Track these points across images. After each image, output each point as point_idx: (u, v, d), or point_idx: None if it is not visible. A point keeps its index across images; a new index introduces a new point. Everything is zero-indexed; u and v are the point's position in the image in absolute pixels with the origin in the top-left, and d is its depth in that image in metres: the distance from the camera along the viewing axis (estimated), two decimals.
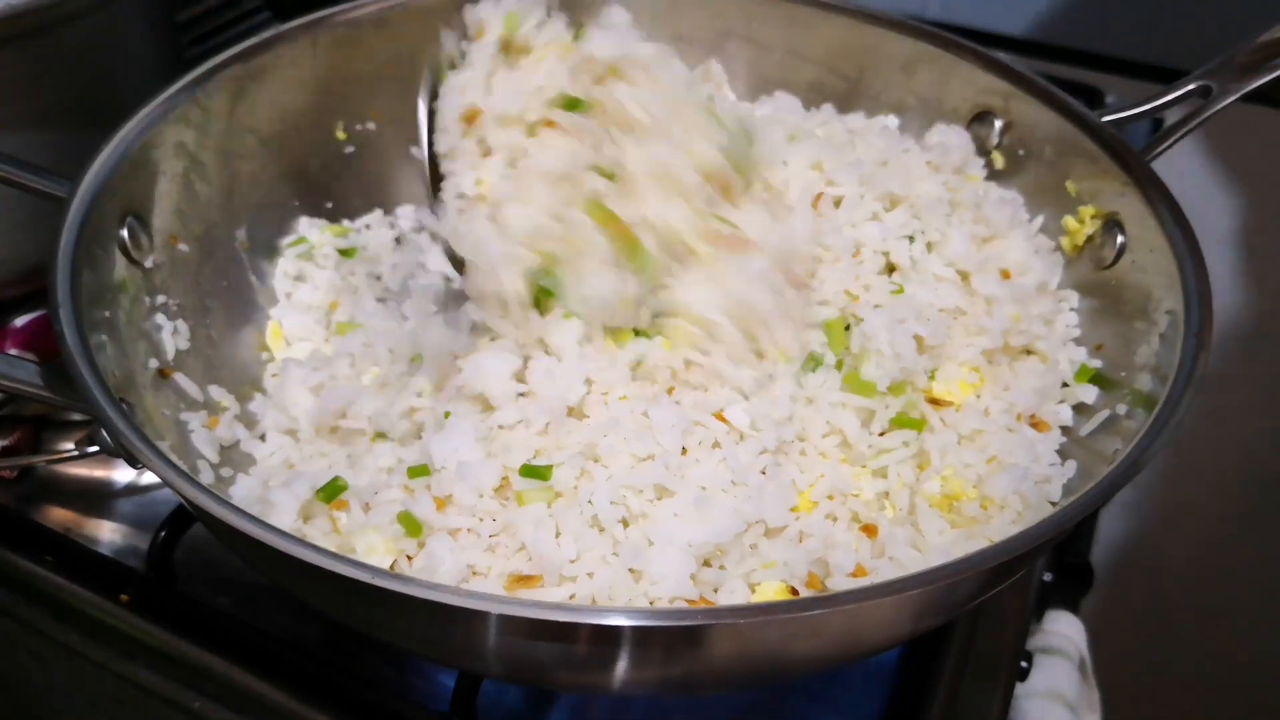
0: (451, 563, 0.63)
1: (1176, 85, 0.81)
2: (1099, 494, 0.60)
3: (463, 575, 0.64)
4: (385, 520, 0.66)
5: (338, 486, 0.69)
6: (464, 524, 0.65)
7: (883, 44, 0.94)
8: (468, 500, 0.66)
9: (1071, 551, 1.04)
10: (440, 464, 0.67)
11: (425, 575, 0.63)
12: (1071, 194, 0.85)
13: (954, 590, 0.60)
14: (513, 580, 0.64)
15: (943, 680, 0.77)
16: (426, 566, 0.64)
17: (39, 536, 0.86)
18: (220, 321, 0.86)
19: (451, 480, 0.66)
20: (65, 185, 0.75)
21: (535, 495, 0.66)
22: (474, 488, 0.66)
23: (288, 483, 0.70)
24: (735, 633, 0.55)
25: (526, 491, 0.66)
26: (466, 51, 0.81)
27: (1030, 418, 0.76)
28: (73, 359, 0.65)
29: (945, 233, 0.82)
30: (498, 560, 0.65)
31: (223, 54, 0.87)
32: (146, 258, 0.81)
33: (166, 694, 0.77)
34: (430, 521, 0.65)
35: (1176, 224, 0.75)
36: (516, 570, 0.64)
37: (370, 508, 0.68)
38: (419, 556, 0.65)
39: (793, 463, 0.71)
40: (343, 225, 0.97)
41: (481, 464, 0.67)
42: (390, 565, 0.65)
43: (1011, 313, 0.79)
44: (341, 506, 0.69)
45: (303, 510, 0.69)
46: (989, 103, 0.91)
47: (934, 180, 0.86)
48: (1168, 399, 0.65)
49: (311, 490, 0.69)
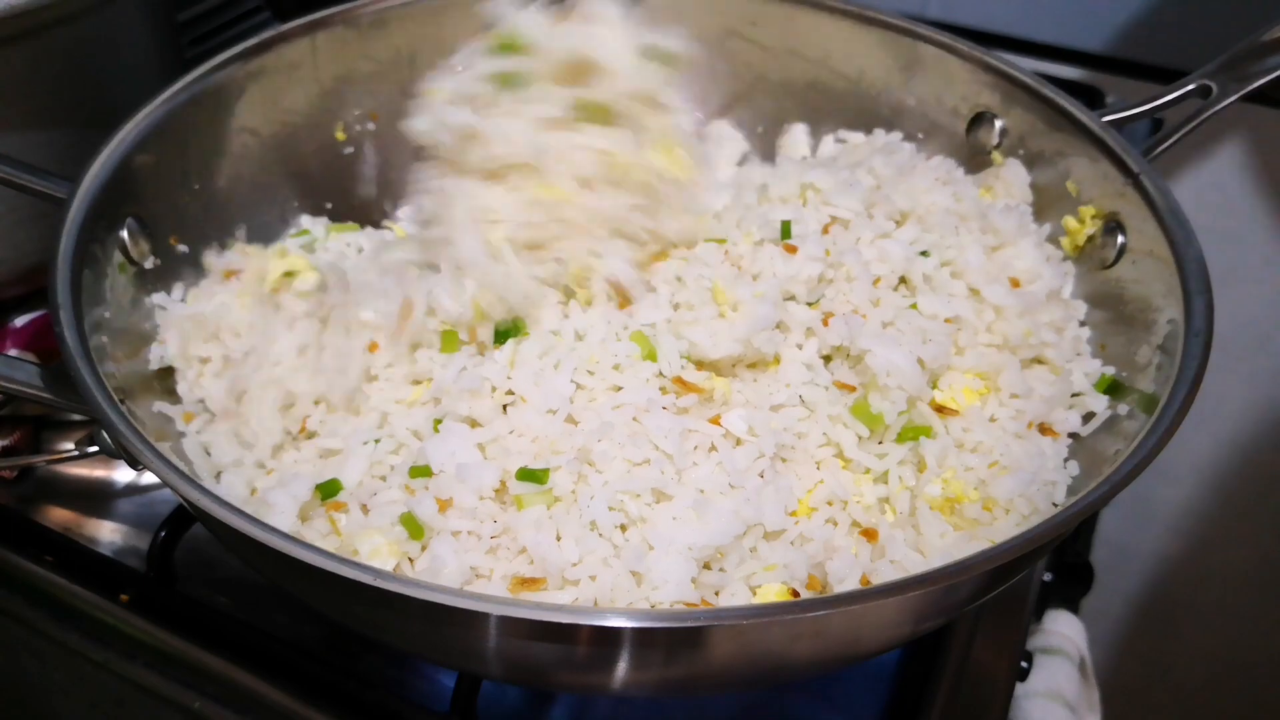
0: (455, 565, 0.63)
1: (1177, 85, 0.82)
2: (1100, 495, 0.60)
3: (466, 577, 0.64)
4: (387, 522, 0.66)
5: (334, 486, 0.69)
6: (466, 526, 0.65)
7: (882, 44, 0.94)
8: (468, 502, 0.66)
9: (1071, 551, 1.04)
10: (439, 468, 0.67)
11: (429, 577, 0.63)
12: (1072, 194, 0.85)
13: (954, 591, 0.60)
14: (516, 582, 0.63)
15: (943, 680, 0.77)
16: (430, 568, 0.64)
17: (39, 536, 0.86)
18: None
19: (451, 483, 0.66)
20: (65, 186, 0.75)
21: (533, 499, 0.66)
22: (474, 489, 0.66)
23: (284, 483, 0.69)
24: (736, 634, 0.54)
25: (525, 495, 0.66)
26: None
27: (1040, 425, 0.76)
28: (73, 360, 0.65)
29: (957, 245, 0.82)
30: (500, 563, 0.64)
31: (223, 54, 0.87)
32: (146, 258, 0.81)
33: (166, 694, 0.77)
34: (432, 524, 0.65)
35: (1177, 224, 0.75)
36: (519, 573, 0.64)
37: (369, 509, 0.68)
38: (422, 558, 0.65)
39: (790, 469, 0.71)
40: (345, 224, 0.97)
41: (481, 466, 0.67)
42: (394, 567, 0.65)
43: (1022, 326, 0.78)
44: (339, 508, 0.68)
45: (301, 512, 0.68)
46: (989, 103, 0.91)
47: (943, 192, 0.85)
48: (1169, 400, 0.65)
49: (309, 491, 0.68)
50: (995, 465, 0.72)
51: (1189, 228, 0.74)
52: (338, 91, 0.96)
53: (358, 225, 0.95)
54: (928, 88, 0.94)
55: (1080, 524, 0.62)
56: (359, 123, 0.98)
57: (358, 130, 0.98)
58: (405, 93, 0.98)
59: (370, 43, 0.95)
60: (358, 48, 0.95)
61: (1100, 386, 0.76)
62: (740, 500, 0.66)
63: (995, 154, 0.91)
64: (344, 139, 0.97)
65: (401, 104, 0.98)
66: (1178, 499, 1.44)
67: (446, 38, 0.98)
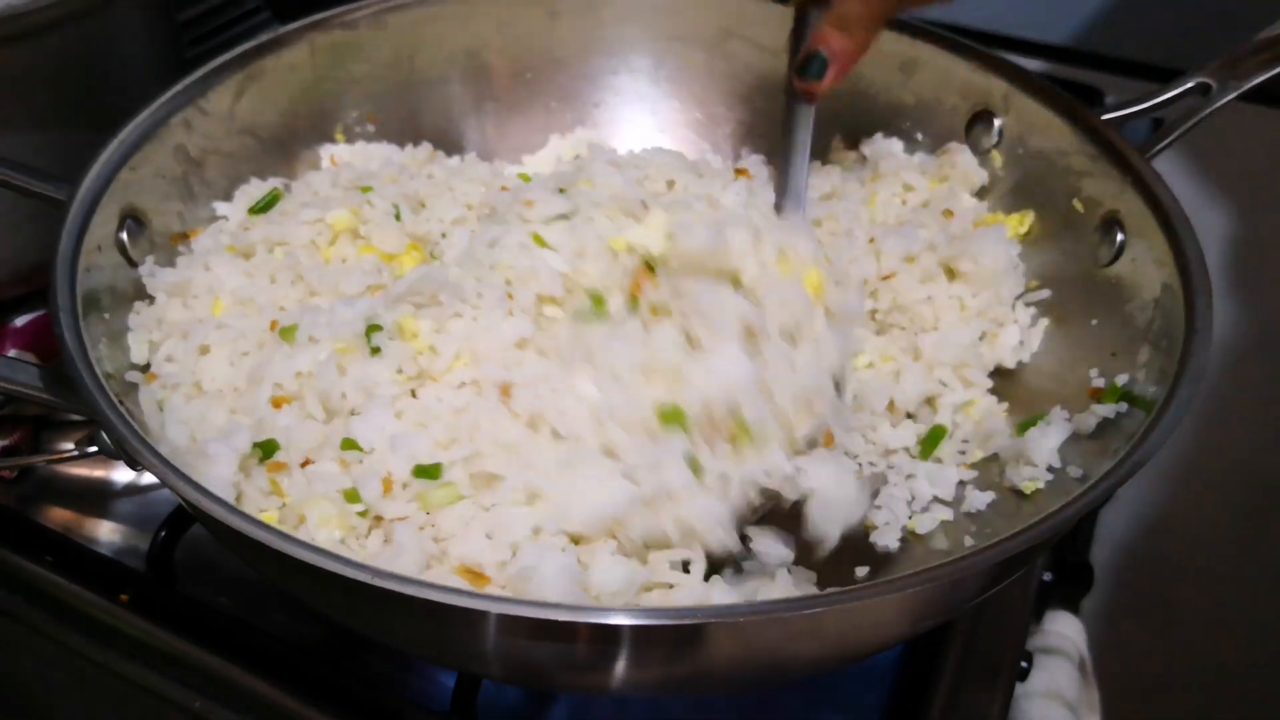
0: (418, 550, 0.64)
1: (1176, 84, 0.81)
2: (1100, 493, 0.60)
3: (424, 564, 0.64)
4: (333, 491, 0.66)
5: (273, 446, 0.69)
6: (403, 511, 0.66)
7: (882, 43, 0.93)
8: (403, 475, 0.67)
9: (1071, 551, 1.04)
10: (369, 445, 0.68)
11: (386, 562, 0.63)
12: (1071, 193, 0.85)
13: (954, 589, 0.60)
14: (461, 570, 0.64)
15: (943, 680, 0.77)
16: (388, 554, 0.64)
17: (39, 536, 0.86)
18: None
19: (387, 458, 0.67)
20: (64, 188, 0.75)
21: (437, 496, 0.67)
22: (409, 457, 0.67)
23: (226, 435, 0.68)
24: (735, 632, 0.55)
25: (428, 493, 0.67)
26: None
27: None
28: (73, 362, 0.65)
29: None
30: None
31: (222, 56, 0.87)
32: (145, 260, 0.81)
33: (166, 694, 0.76)
34: (375, 507, 0.66)
35: (1176, 223, 0.75)
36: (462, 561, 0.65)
37: (311, 480, 0.68)
38: (381, 543, 0.66)
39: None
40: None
41: (411, 435, 0.68)
42: (340, 540, 0.66)
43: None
44: (279, 469, 0.68)
45: (241, 464, 0.68)
46: (988, 102, 0.91)
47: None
48: (1168, 398, 0.65)
49: (249, 444, 0.68)
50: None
51: (1189, 226, 0.74)
52: (337, 93, 0.96)
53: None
54: (927, 87, 0.94)
55: (1080, 524, 0.62)
56: (358, 124, 0.98)
57: (357, 132, 0.98)
58: (404, 95, 0.99)
59: (369, 45, 0.95)
60: (357, 50, 0.95)
61: (1110, 398, 0.75)
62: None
63: (994, 153, 0.91)
64: (343, 141, 0.97)
65: (400, 106, 0.99)
66: (1178, 499, 1.44)
67: (446, 40, 0.98)
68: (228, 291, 0.80)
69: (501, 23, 0.99)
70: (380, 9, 0.95)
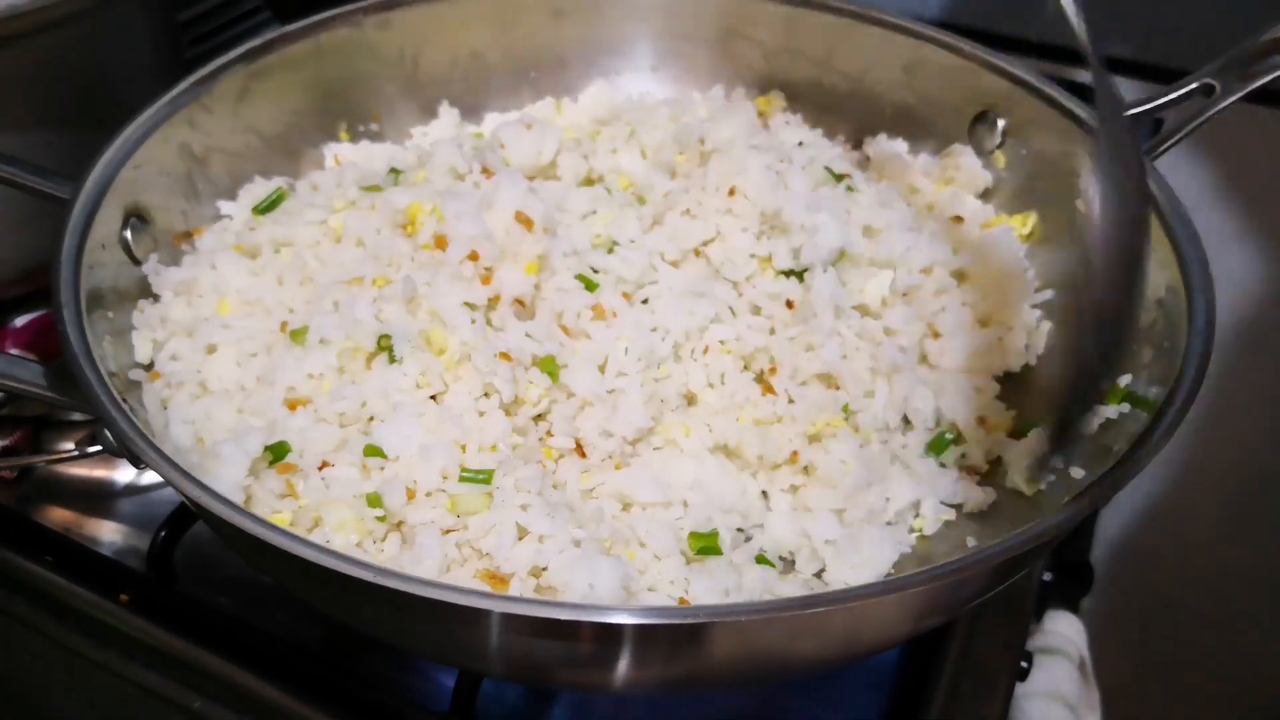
0: (440, 554, 0.64)
1: (1179, 84, 0.81)
2: (1100, 493, 0.60)
3: (444, 567, 0.64)
4: (350, 496, 0.66)
5: (284, 448, 0.68)
6: (430, 517, 0.66)
7: (884, 44, 0.95)
8: (432, 482, 0.66)
9: (1071, 551, 1.04)
10: (394, 454, 0.68)
11: (409, 566, 0.63)
12: (1074, 194, 0.85)
13: (955, 590, 0.60)
14: (484, 575, 0.64)
15: (943, 680, 0.77)
16: (413, 558, 0.64)
17: (39, 536, 0.86)
18: None
19: (414, 465, 0.67)
20: (67, 186, 0.75)
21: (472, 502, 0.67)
22: (438, 469, 0.66)
23: (237, 436, 0.68)
24: (736, 630, 0.55)
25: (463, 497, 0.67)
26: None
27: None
28: (76, 360, 0.64)
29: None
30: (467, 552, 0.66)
31: (226, 55, 0.87)
32: (149, 258, 0.81)
33: (166, 694, 0.77)
34: (399, 512, 0.66)
35: (1179, 223, 0.75)
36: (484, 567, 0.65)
37: (329, 484, 0.67)
38: (398, 546, 0.66)
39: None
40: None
41: (436, 446, 0.67)
42: (356, 543, 0.66)
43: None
44: (290, 470, 0.68)
45: (252, 467, 0.67)
46: (990, 103, 0.91)
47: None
48: (1169, 398, 0.65)
49: (261, 447, 0.67)
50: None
51: (1191, 227, 0.74)
52: (340, 92, 0.96)
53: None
54: (929, 87, 0.94)
55: (1080, 523, 0.62)
56: (362, 123, 0.98)
57: (360, 131, 0.98)
58: (408, 93, 0.98)
59: (372, 43, 0.95)
60: (360, 48, 0.95)
61: (1113, 399, 0.75)
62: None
63: (997, 153, 0.91)
64: (347, 140, 0.97)
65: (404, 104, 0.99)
66: (1178, 499, 1.44)
67: (449, 38, 0.98)
68: (234, 291, 0.80)
69: (505, 22, 0.99)
70: (385, 8, 0.94)
